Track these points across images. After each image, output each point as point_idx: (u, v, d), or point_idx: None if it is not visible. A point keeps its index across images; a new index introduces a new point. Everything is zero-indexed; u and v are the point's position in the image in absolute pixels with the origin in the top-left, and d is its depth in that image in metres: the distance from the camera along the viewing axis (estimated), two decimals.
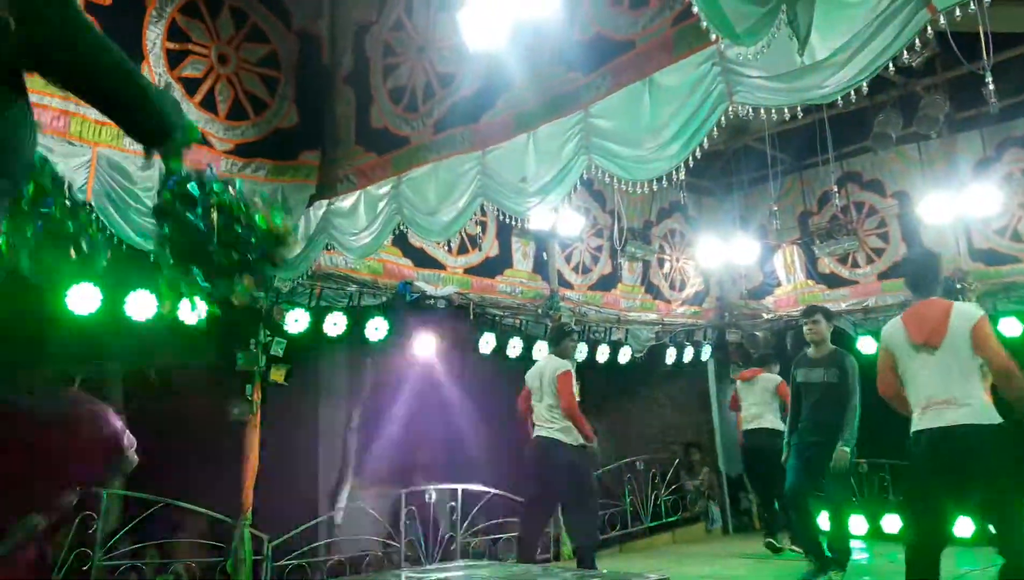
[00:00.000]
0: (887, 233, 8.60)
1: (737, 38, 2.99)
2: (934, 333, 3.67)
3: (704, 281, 9.88)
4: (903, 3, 3.14)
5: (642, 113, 3.96)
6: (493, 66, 4.31)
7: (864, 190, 8.75)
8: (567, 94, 4.10)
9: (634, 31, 3.78)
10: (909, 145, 8.12)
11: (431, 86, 4.71)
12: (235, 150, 5.25)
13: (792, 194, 9.21)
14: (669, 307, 9.52)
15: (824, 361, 5.76)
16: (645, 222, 9.09)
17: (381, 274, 7.00)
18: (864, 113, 7.17)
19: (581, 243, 8.68)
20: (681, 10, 3.56)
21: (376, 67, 5.04)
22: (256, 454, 6.06)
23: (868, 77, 3.35)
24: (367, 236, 5.38)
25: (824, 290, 9.10)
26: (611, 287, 8.95)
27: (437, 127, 4.69)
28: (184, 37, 4.88)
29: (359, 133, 5.17)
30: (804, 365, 5.90)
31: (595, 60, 3.95)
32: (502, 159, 4.68)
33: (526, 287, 8.20)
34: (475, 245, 7.76)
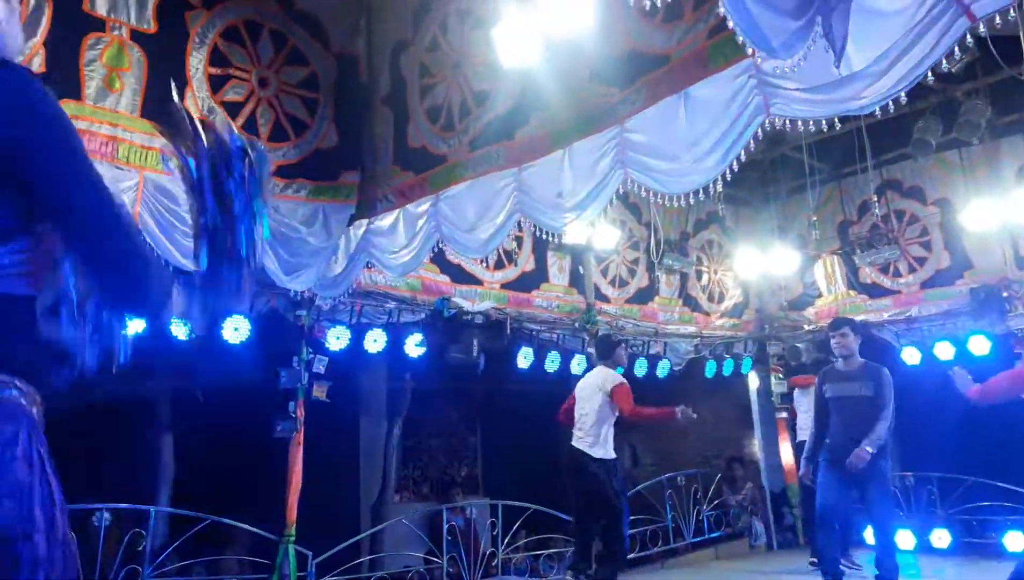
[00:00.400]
0: (929, 241, 8.45)
1: (773, 51, 2.99)
2: None
3: (743, 293, 9.78)
4: (941, 12, 3.11)
5: (678, 127, 3.96)
6: (527, 83, 4.34)
7: (904, 198, 8.61)
8: (602, 109, 4.12)
9: (668, 45, 3.79)
10: (950, 151, 7.98)
11: (466, 104, 4.76)
12: (277, 172, 5.35)
13: (831, 203, 9.09)
14: (708, 320, 9.45)
15: (857, 374, 5.52)
16: (682, 234, 9.04)
17: (420, 290, 7.07)
18: (903, 120, 7.07)
19: (617, 256, 8.66)
20: (715, 23, 3.56)
21: (412, 86, 5.11)
22: (300, 471, 6.13)
23: (907, 87, 3.32)
24: (407, 254, 5.45)
25: (866, 300, 8.96)
26: (648, 300, 8.91)
27: (473, 145, 4.73)
28: (226, 62, 5.00)
29: (397, 152, 5.24)
30: (834, 379, 5.63)
31: (630, 75, 3.96)
32: (538, 175, 4.71)
33: (562, 301, 8.21)
34: (511, 260, 7.80)
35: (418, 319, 7.15)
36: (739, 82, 3.72)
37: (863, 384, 5.44)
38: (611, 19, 3.92)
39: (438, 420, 10.35)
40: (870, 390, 5.41)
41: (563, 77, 4.20)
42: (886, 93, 3.37)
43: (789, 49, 3.01)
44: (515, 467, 10.54)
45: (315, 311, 6.45)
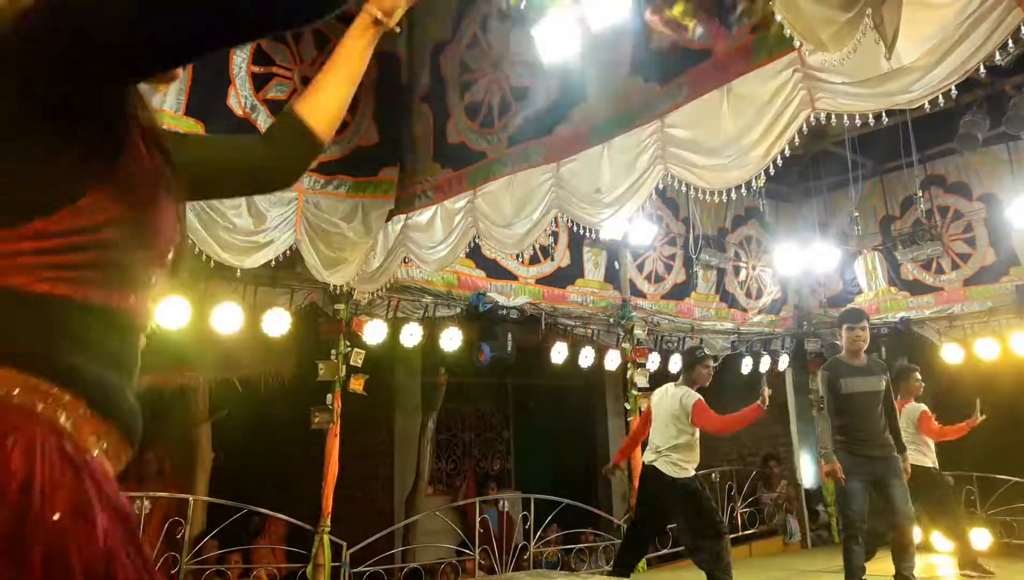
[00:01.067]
0: (973, 238, 8.27)
1: (822, 44, 2.94)
2: None
3: (781, 289, 9.66)
4: (994, 3, 3.04)
5: (720, 122, 3.91)
6: (567, 78, 4.32)
7: (949, 193, 8.43)
8: (643, 105, 4.09)
9: (711, 40, 3.74)
10: (997, 146, 7.79)
11: (506, 100, 4.76)
12: (318, 168, 5.39)
13: (873, 198, 8.93)
14: (745, 316, 9.35)
15: (869, 369, 5.43)
16: (720, 229, 8.95)
17: (455, 285, 7.09)
18: (949, 114, 6.91)
19: (654, 251, 8.60)
20: (759, 19, 3.52)
21: (452, 84, 5.12)
22: (336, 462, 6.19)
23: (957, 80, 3.25)
24: (443, 249, 5.46)
25: (907, 297, 8.80)
26: (685, 296, 8.84)
27: (512, 141, 4.73)
28: (269, 60, 5.05)
29: (436, 149, 5.26)
30: (846, 374, 5.41)
31: (671, 70, 3.93)
32: (576, 171, 4.69)
33: (597, 297, 8.18)
34: (547, 255, 7.79)
35: (453, 314, 7.18)
36: (783, 76, 3.66)
37: (877, 379, 5.39)
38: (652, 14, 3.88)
39: (472, 414, 10.39)
40: (882, 385, 5.38)
41: (603, 72, 4.18)
42: (936, 86, 3.29)
43: (838, 42, 2.96)
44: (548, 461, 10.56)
45: (353, 305, 6.51)
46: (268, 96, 5.02)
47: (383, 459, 8.90)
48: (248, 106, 4.96)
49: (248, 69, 4.98)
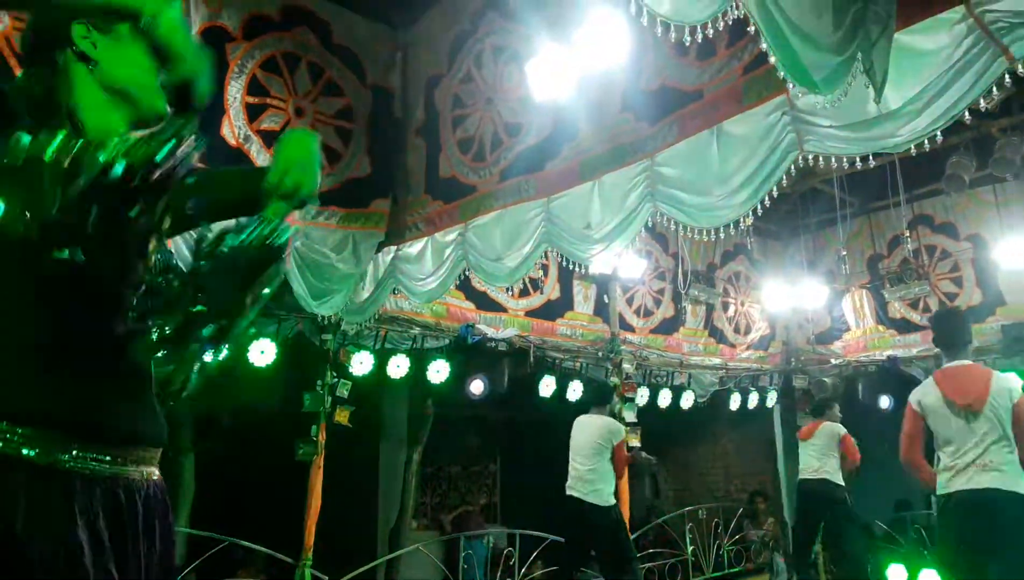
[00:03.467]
0: (960, 278, 8.34)
1: (815, 86, 2.97)
2: (978, 399, 3.67)
3: (770, 325, 9.70)
4: (980, 51, 3.09)
5: (710, 161, 3.95)
6: (559, 115, 4.36)
7: (936, 233, 8.52)
8: (633, 143, 4.12)
9: (702, 81, 3.79)
10: (983, 187, 7.89)
11: (498, 135, 4.79)
12: None
13: (861, 237, 9.01)
14: (733, 351, 9.37)
15: None
16: (709, 265, 9.00)
17: (444, 317, 7.07)
18: (936, 155, 6.99)
19: (643, 286, 8.63)
20: (750, 60, 3.56)
21: (446, 118, 5.15)
22: (319, 494, 6.12)
23: (943, 126, 3.30)
24: (433, 281, 5.46)
25: (894, 335, 8.84)
26: (673, 330, 8.86)
27: (503, 175, 4.75)
28: (263, 92, 5.07)
29: (428, 182, 5.27)
30: None
31: (662, 110, 3.96)
32: (567, 206, 4.71)
33: (587, 330, 8.17)
34: (537, 288, 7.79)
35: (442, 345, 7.15)
36: (773, 118, 3.70)
37: None
38: (644, 55, 3.93)
39: (458, 447, 10.32)
40: None
41: (595, 110, 4.21)
42: (922, 132, 3.34)
43: (830, 85, 2.99)
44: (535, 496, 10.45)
45: (340, 335, 6.48)
46: (262, 127, 5.03)
47: (367, 492, 8.80)
48: (241, 136, 4.97)
49: (242, 100, 4.99)
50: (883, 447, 7.37)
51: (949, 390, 3.80)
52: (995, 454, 3.58)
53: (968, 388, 3.73)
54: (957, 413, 3.73)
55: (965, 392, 3.72)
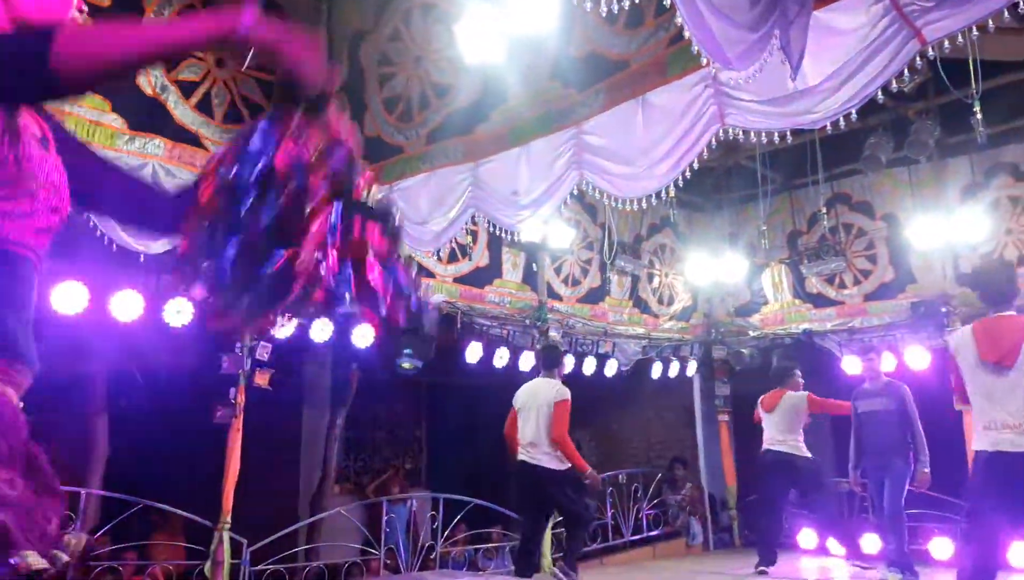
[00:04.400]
0: (875, 255, 8.66)
1: (728, 62, 3.03)
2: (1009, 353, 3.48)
3: (692, 297, 9.91)
4: (894, 33, 3.19)
5: (634, 131, 4.00)
6: (489, 79, 4.33)
7: (853, 212, 8.81)
8: (561, 110, 4.13)
9: (629, 51, 3.81)
10: (899, 168, 8.18)
11: (426, 96, 4.73)
12: None
13: (782, 213, 9.26)
14: (656, 322, 9.55)
15: (883, 392, 6.35)
16: (635, 236, 9.12)
17: None
18: (855, 135, 7.22)
19: (571, 255, 8.69)
20: (676, 32, 3.59)
21: (371, 76, 5.05)
22: (238, 458, 6.02)
23: (858, 104, 3.40)
24: None
25: (810, 309, 9.15)
26: (599, 300, 8.97)
27: (431, 137, 4.70)
28: None
29: None
30: (864, 397, 6.45)
31: (590, 77, 3.98)
32: (494, 172, 4.70)
33: (515, 298, 8.20)
34: (465, 254, 7.77)
35: None
36: (696, 91, 3.76)
37: (886, 399, 6.29)
38: (573, 22, 3.93)
39: (383, 412, 10.28)
40: (893, 405, 6.23)
41: (524, 75, 4.20)
42: (838, 109, 3.45)
43: (745, 61, 3.05)
44: (459, 461, 10.54)
45: None
46: (180, 77, 4.85)
47: (289, 456, 8.70)
48: (158, 86, 4.78)
49: None
50: None
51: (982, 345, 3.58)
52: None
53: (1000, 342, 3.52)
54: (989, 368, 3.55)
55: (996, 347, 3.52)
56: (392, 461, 10.17)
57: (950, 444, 6.74)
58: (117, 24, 1.21)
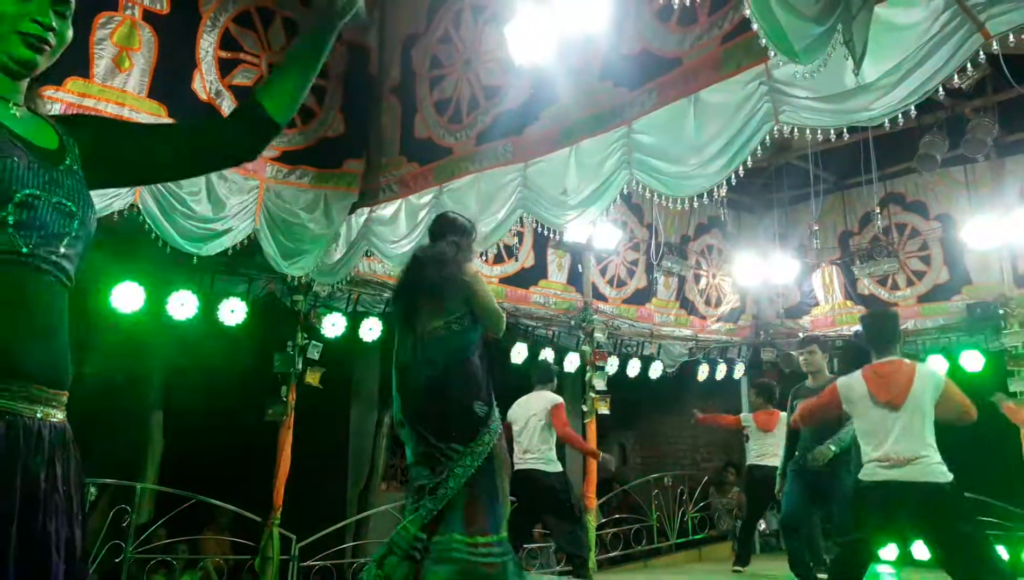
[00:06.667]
0: (929, 256, 8.46)
1: (796, 56, 2.98)
2: (900, 394, 3.85)
3: (740, 298, 9.79)
4: (956, 27, 3.11)
5: (686, 130, 3.95)
6: (538, 80, 4.33)
7: (907, 211, 8.62)
8: (611, 109, 4.11)
9: (682, 48, 3.77)
10: (955, 167, 7.98)
11: (476, 98, 4.74)
12: (281, 157, 5.32)
13: (833, 213, 9.10)
14: (703, 323, 9.46)
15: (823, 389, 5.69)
16: (682, 237, 9.04)
17: None
18: (910, 134, 7.07)
19: (617, 256, 8.65)
20: (730, 29, 3.55)
21: (422, 78, 5.09)
22: (288, 455, 6.12)
23: (917, 100, 3.32)
24: (407, 244, 5.43)
25: (862, 311, 8.95)
26: (645, 301, 8.91)
27: (480, 138, 4.72)
28: (236, 46, 4.97)
29: (403, 143, 5.23)
30: (802, 395, 5.79)
31: (641, 76, 3.95)
32: (543, 172, 4.69)
33: (560, 298, 8.20)
34: (511, 255, 7.79)
35: None
36: (750, 88, 3.70)
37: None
38: (625, 20, 3.91)
39: None
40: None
41: (574, 75, 4.18)
42: (896, 105, 3.36)
43: (810, 55, 3.00)
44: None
45: (312, 297, 6.44)
46: (234, 82, 4.94)
47: (338, 453, 8.82)
48: (213, 91, 4.88)
49: (215, 54, 4.90)
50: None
51: (873, 387, 3.96)
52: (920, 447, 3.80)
53: (890, 386, 3.90)
54: (880, 407, 3.90)
55: (887, 389, 3.90)
56: None
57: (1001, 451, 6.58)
58: None
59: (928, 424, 3.83)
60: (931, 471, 3.73)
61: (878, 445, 3.87)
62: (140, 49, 4.66)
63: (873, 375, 4.02)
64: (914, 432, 3.80)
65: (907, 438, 3.79)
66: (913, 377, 3.89)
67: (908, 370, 3.94)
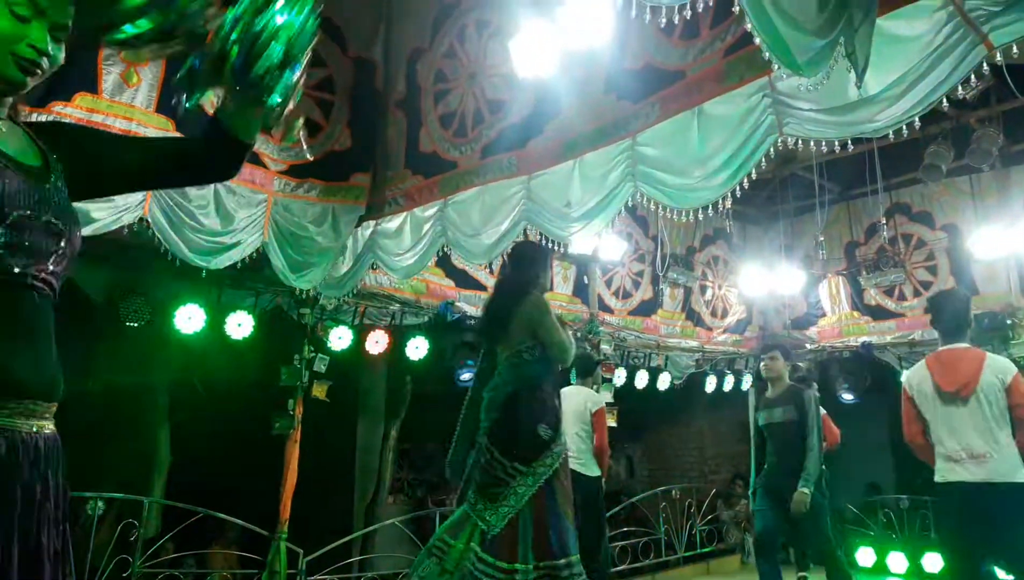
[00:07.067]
0: (935, 266, 8.45)
1: (798, 68, 2.99)
2: (967, 384, 3.56)
3: (747, 309, 9.78)
4: (959, 39, 3.12)
5: (690, 142, 3.96)
6: (542, 93, 4.36)
7: (913, 222, 8.61)
8: (615, 122, 4.13)
9: (685, 62, 3.80)
10: (960, 177, 7.98)
11: (480, 112, 4.77)
12: (288, 170, 5.36)
13: (839, 224, 9.10)
14: (710, 335, 9.45)
15: (782, 399, 5.51)
16: (688, 248, 9.05)
17: (424, 294, 7.07)
18: (915, 144, 7.07)
19: (622, 268, 8.66)
20: (732, 41, 3.57)
21: (427, 92, 5.13)
22: (295, 468, 6.12)
23: (921, 112, 3.32)
24: (411, 257, 5.45)
25: (869, 322, 8.96)
26: (651, 313, 8.91)
27: (485, 152, 4.75)
28: None
29: (408, 157, 5.26)
30: (765, 406, 5.63)
31: (644, 89, 3.97)
32: (547, 184, 4.71)
33: (566, 310, 8.19)
34: None
35: (421, 322, 7.15)
36: (753, 100, 3.72)
37: (787, 409, 5.41)
38: (629, 34, 3.93)
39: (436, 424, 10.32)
40: (794, 414, 5.36)
41: (578, 89, 4.21)
42: (900, 117, 3.37)
43: (814, 67, 3.01)
44: None
45: (318, 310, 6.46)
46: None
47: (344, 467, 8.81)
48: None
49: None
50: (855, 431, 7.50)
51: (938, 376, 3.68)
52: (991, 442, 3.49)
53: (956, 374, 3.61)
54: (947, 399, 3.61)
55: (953, 378, 3.61)
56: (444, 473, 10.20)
57: None
58: None
59: (1002, 417, 3.51)
60: (1006, 469, 3.42)
61: (946, 441, 3.60)
62: (148, 64, 4.71)
63: (936, 363, 3.75)
64: (985, 426, 3.50)
65: (977, 432, 3.50)
66: (982, 365, 3.59)
67: (975, 358, 3.64)
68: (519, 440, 3.63)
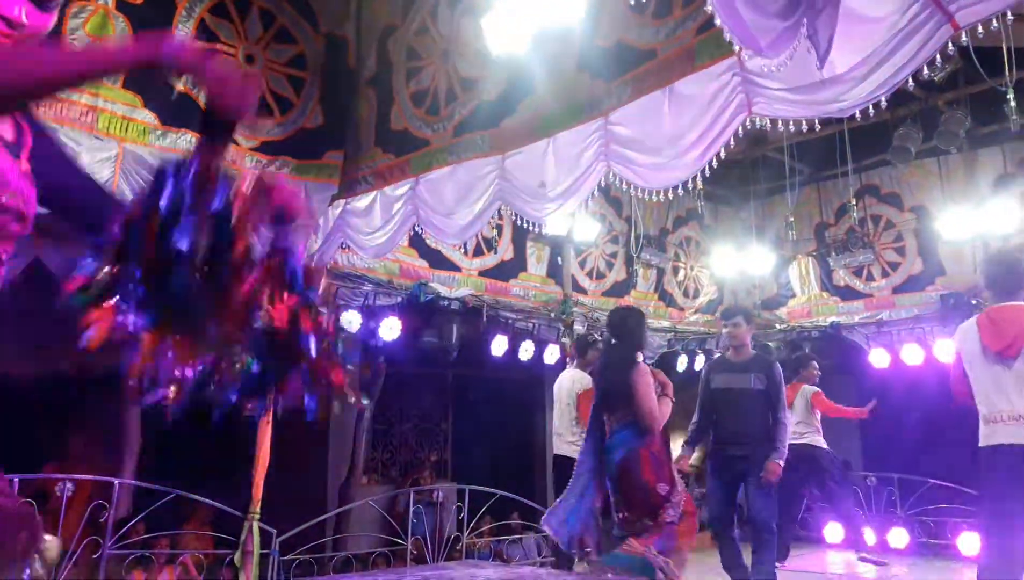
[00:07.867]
0: (903, 247, 8.57)
1: (760, 50, 3.02)
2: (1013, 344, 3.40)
3: (718, 290, 9.87)
4: (926, 18, 3.16)
5: (661, 121, 3.99)
6: (515, 71, 4.34)
7: (882, 203, 8.72)
8: (588, 101, 4.13)
9: (656, 40, 3.81)
10: (929, 159, 8.08)
11: (453, 90, 4.75)
12: (260, 147, 5.31)
13: (809, 205, 9.19)
14: (682, 315, 9.52)
15: (750, 366, 5.20)
16: (661, 229, 9.11)
17: (397, 275, 7.05)
18: (884, 126, 7.16)
19: (596, 249, 8.69)
20: (704, 20, 3.58)
21: (399, 70, 5.10)
22: (267, 449, 6.09)
23: (887, 92, 3.37)
24: (381, 236, 5.43)
25: (838, 302, 9.08)
26: (624, 293, 8.96)
27: (457, 130, 4.73)
28: (212, 37, 4.94)
29: (379, 134, 5.22)
30: (725, 370, 5.31)
31: (617, 68, 3.98)
32: (521, 164, 4.72)
33: (539, 291, 8.23)
34: (490, 248, 7.80)
35: (394, 303, 7.13)
36: (723, 79, 3.75)
37: (756, 377, 5.13)
38: (601, 12, 3.93)
39: (410, 404, 10.35)
40: (762, 383, 5.10)
41: (551, 67, 4.21)
42: (866, 97, 3.41)
43: (776, 49, 3.04)
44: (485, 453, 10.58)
45: None
46: None
47: (318, 447, 8.80)
48: (189, 82, 4.85)
49: None
50: None
51: (986, 335, 3.50)
52: None
53: (1004, 332, 3.43)
54: (993, 359, 3.45)
55: (1000, 337, 3.43)
56: (418, 453, 10.24)
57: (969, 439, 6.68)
58: (33, 49, 1.26)
59: None
60: None
61: (989, 401, 3.44)
62: (114, 39, 4.63)
63: (987, 320, 3.56)
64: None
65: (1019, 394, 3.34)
66: None
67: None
68: (638, 499, 4.13)
